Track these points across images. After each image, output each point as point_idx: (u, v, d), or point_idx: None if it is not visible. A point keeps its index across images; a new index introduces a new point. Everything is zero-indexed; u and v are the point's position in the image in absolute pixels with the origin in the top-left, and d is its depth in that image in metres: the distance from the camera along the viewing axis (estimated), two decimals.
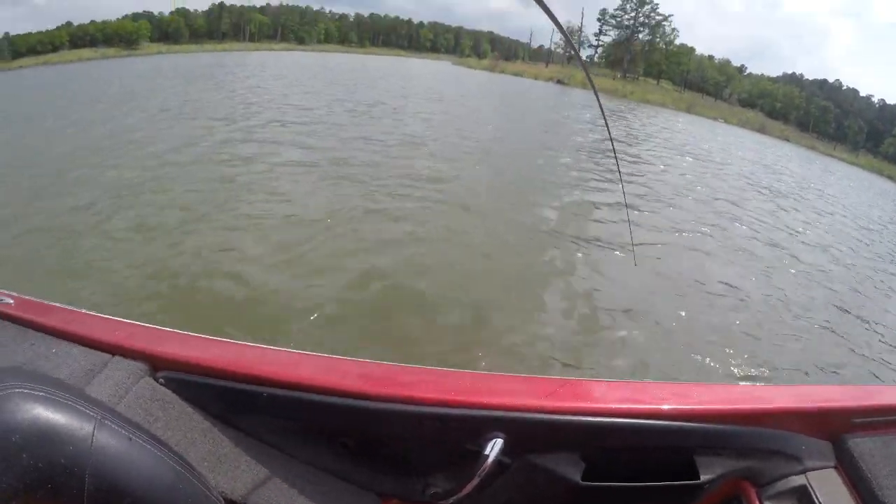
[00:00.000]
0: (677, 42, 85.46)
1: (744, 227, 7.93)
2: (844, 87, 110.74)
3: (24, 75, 53.57)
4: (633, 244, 6.16)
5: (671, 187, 9.49)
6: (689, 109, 57.66)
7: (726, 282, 5.43)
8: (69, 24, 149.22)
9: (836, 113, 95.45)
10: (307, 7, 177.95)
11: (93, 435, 0.68)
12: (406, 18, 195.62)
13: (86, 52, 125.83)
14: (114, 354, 1.11)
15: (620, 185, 8.74)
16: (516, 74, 64.44)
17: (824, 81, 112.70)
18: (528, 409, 1.02)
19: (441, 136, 10.88)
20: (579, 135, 13.79)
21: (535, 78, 61.37)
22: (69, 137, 9.58)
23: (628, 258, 5.53)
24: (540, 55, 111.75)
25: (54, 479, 0.63)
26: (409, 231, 5.25)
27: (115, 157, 7.68)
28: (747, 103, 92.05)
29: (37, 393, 0.66)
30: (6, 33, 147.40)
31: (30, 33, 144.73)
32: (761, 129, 63.07)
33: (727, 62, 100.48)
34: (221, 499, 0.91)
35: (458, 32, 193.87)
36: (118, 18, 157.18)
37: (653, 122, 26.63)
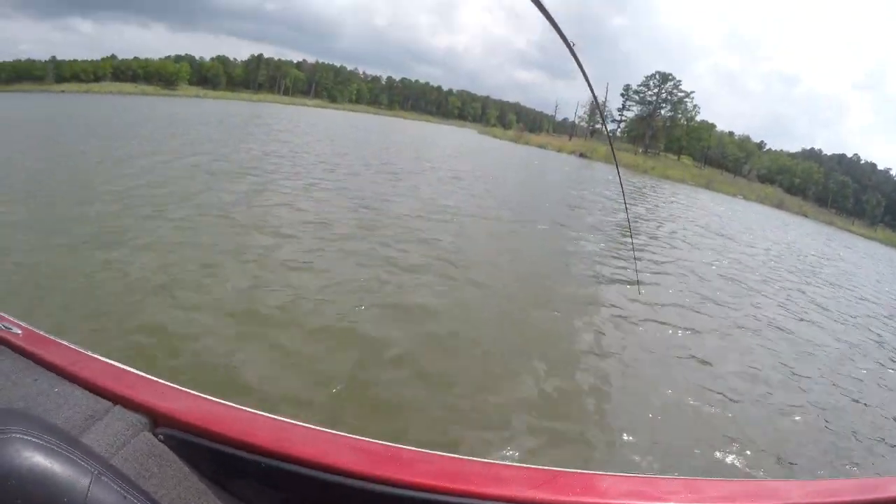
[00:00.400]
0: (698, 118, 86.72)
1: (776, 313, 7.91)
2: (862, 161, 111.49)
3: (68, 100, 56.56)
4: (640, 295, 6.67)
5: (701, 272, 9.47)
6: (708, 185, 58.17)
7: (752, 371, 5.42)
8: (113, 56, 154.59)
9: (853, 187, 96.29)
10: (342, 66, 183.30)
11: (88, 489, 0.67)
12: (436, 85, 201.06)
13: (127, 87, 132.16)
14: (115, 403, 1.12)
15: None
16: (540, 146, 65.62)
17: (842, 156, 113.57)
18: (522, 501, 1.00)
19: (467, 211, 10.75)
20: (610, 214, 14.00)
21: (559, 150, 62.40)
22: (104, 174, 10.07)
23: (658, 349, 5.44)
24: (564, 128, 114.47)
25: None
26: (430, 319, 5.07)
27: (149, 205, 7.88)
28: (766, 179, 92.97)
29: (37, 441, 0.65)
30: (53, 57, 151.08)
31: (75, 60, 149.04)
32: (780, 205, 63.41)
33: (747, 138, 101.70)
34: None
35: (485, 102, 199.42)
36: (161, 58, 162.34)
37: (677, 199, 27.23)
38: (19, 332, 1.28)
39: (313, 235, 7.15)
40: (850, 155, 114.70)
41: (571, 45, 1.13)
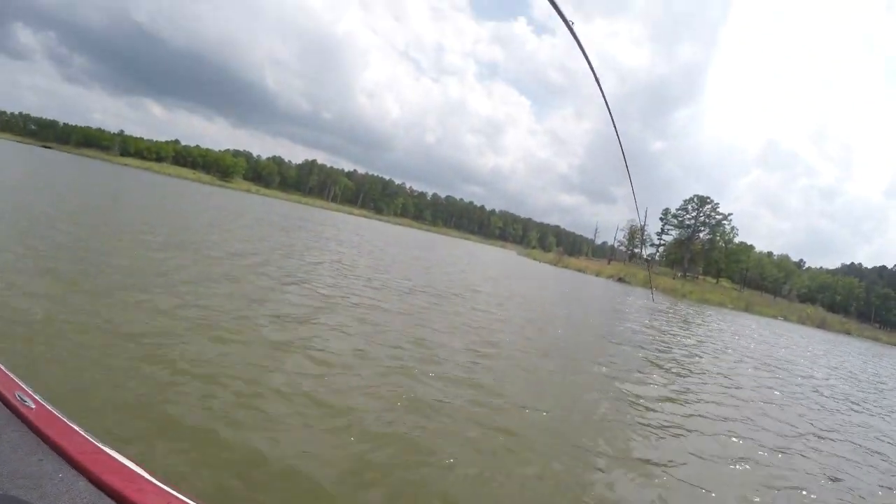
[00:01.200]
0: (737, 240, 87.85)
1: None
2: None
3: (131, 175, 62.77)
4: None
5: (763, 415, 8.44)
6: (747, 308, 58.98)
7: None
8: (177, 141, 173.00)
9: None
10: (390, 180, 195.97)
11: None
12: (479, 204, 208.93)
13: (185, 171, 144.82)
14: None
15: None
16: (579, 270, 67.16)
17: (883, 268, 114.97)
18: None
19: (514, 345, 9.53)
20: (666, 351, 13.05)
21: (597, 275, 63.78)
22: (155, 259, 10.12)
23: None
24: (603, 251, 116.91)
25: None
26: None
27: (194, 302, 7.44)
28: (807, 297, 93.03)
29: None
30: (121, 131, 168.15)
31: (141, 138, 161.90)
32: (822, 325, 63.25)
33: (786, 257, 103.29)
34: None
35: (526, 223, 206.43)
36: (221, 150, 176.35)
37: (717, 325, 27.44)
38: (33, 406, 1.28)
39: (360, 365, 6.30)
40: (891, 266, 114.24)
41: (571, 23, 1.35)
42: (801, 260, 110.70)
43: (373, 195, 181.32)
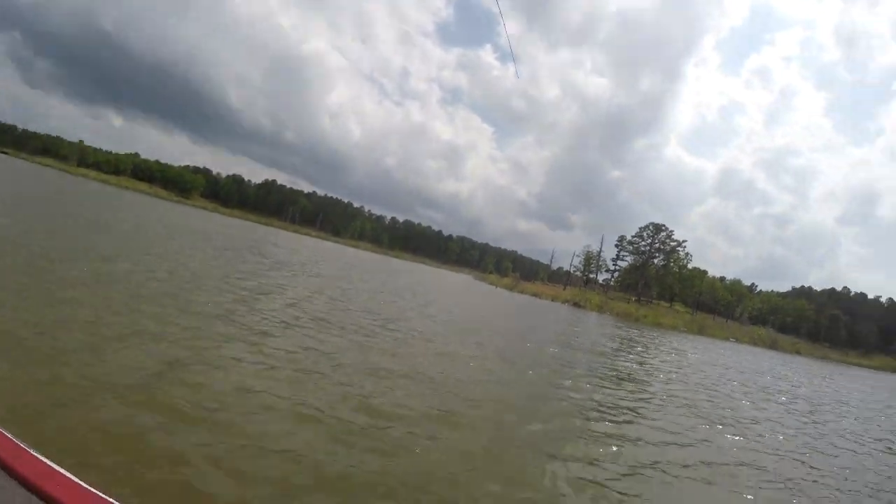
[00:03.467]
0: (690, 266, 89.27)
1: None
2: (853, 293, 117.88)
3: (90, 187, 62.66)
4: None
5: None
6: (700, 331, 59.54)
7: None
8: (136, 154, 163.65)
9: (845, 320, 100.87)
10: (349, 203, 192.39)
11: None
12: (437, 230, 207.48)
13: (142, 185, 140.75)
14: None
15: None
16: (534, 294, 66.86)
17: (832, 290, 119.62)
18: None
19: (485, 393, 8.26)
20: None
21: (553, 299, 63.49)
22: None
23: None
24: (559, 276, 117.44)
25: None
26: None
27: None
28: (758, 320, 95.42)
29: None
30: (81, 141, 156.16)
31: (100, 150, 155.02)
32: (773, 345, 64.55)
33: (738, 282, 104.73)
34: None
35: (483, 249, 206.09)
36: (180, 166, 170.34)
37: (669, 347, 27.02)
38: None
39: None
40: (839, 289, 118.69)
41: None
42: (753, 284, 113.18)
43: (332, 217, 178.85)
